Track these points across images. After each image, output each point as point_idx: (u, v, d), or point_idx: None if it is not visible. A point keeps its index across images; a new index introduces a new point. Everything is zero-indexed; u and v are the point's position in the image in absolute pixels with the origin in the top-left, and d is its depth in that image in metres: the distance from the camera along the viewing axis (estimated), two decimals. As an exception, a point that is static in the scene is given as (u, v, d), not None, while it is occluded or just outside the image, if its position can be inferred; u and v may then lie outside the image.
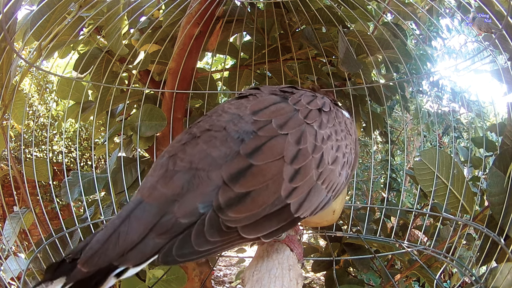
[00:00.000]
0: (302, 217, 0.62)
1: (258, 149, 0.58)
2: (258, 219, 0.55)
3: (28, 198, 1.02)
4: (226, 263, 4.96)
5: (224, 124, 0.62)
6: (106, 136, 1.34)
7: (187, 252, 0.50)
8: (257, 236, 0.56)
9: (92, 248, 0.47)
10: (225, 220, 0.53)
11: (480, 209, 1.19)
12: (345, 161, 0.69)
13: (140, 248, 0.48)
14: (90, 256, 0.46)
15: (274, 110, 0.65)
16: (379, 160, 4.01)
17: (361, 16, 1.36)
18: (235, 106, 0.68)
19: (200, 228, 0.51)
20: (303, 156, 0.60)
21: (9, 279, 1.05)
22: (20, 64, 1.13)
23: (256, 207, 0.55)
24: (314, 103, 0.69)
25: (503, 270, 0.86)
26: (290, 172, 0.58)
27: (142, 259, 0.48)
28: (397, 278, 1.37)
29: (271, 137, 0.60)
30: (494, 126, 1.18)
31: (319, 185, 0.63)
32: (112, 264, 0.46)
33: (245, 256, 1.57)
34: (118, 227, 0.49)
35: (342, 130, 0.71)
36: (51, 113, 4.42)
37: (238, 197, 0.54)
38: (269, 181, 0.57)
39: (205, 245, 0.51)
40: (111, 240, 0.48)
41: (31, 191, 1.06)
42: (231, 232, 0.53)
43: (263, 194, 0.56)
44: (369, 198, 1.41)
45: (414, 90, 2.76)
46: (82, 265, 0.45)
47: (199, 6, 1.25)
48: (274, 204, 0.57)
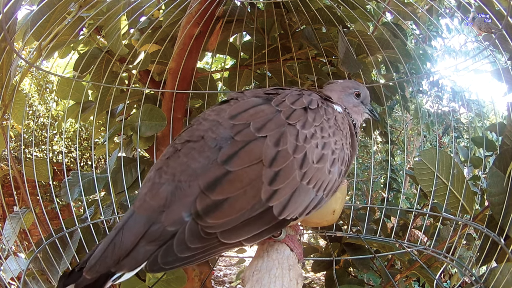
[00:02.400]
0: (289, 219, 0.62)
1: (234, 155, 0.59)
2: (237, 224, 0.57)
3: (28, 198, 1.01)
4: (226, 263, 4.96)
5: (203, 133, 0.64)
6: (106, 136, 1.34)
7: (171, 259, 0.54)
8: (238, 240, 0.58)
9: (94, 258, 0.54)
10: (204, 227, 0.55)
11: (480, 209, 1.19)
12: (335, 158, 0.68)
13: (133, 255, 0.54)
14: (92, 265, 0.53)
15: (252, 113, 0.65)
16: (379, 160, 4.01)
17: (361, 16, 1.36)
18: (215, 112, 0.69)
19: (181, 236, 0.55)
20: (283, 157, 0.60)
21: (9, 279, 1.05)
22: (20, 64, 1.13)
23: (234, 213, 0.57)
24: (300, 102, 0.69)
25: (503, 270, 0.86)
26: (270, 175, 0.59)
27: (136, 265, 0.54)
28: (397, 278, 1.37)
29: (248, 141, 0.61)
30: (494, 126, 1.17)
31: (304, 185, 0.62)
32: (110, 271, 0.53)
33: (245, 256, 1.57)
34: (114, 238, 0.55)
35: (331, 126, 0.70)
36: (51, 113, 4.42)
37: (215, 204, 0.56)
38: (247, 186, 0.58)
39: (186, 251, 0.55)
40: (108, 250, 0.54)
41: (31, 191, 1.06)
42: (211, 238, 0.56)
43: (241, 200, 0.57)
44: (369, 198, 1.41)
45: (414, 90, 2.76)
46: (86, 273, 0.52)
47: (199, 6, 1.25)
48: (254, 209, 0.58)
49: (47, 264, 1.00)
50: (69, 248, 1.04)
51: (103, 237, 1.12)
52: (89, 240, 1.07)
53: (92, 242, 1.07)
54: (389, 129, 2.38)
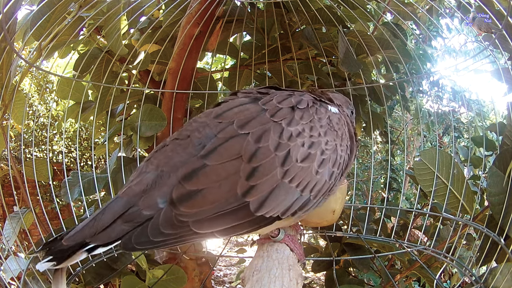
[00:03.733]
0: (269, 216, 0.62)
1: (213, 150, 0.61)
2: (210, 215, 0.59)
3: (28, 198, 1.01)
4: (226, 263, 4.96)
5: (189, 133, 0.67)
6: (106, 136, 1.34)
7: (144, 241, 0.57)
8: (210, 231, 0.59)
9: (75, 230, 0.58)
10: (177, 215, 0.58)
11: (480, 209, 1.19)
12: (324, 158, 0.67)
13: (108, 231, 0.57)
14: (71, 235, 0.57)
15: (237, 112, 0.66)
16: (379, 160, 4.01)
17: (361, 16, 1.35)
18: (205, 114, 0.71)
19: (156, 221, 0.58)
20: (263, 154, 0.61)
21: (9, 279, 1.05)
22: (20, 64, 1.13)
23: (206, 204, 0.59)
24: (287, 101, 0.69)
25: (503, 270, 0.86)
26: (248, 170, 0.60)
27: (109, 240, 0.57)
28: (397, 278, 1.37)
29: (229, 137, 0.62)
30: (494, 126, 1.17)
31: (285, 184, 0.62)
32: (85, 241, 0.56)
33: (245, 256, 1.57)
34: (96, 215, 0.59)
35: (322, 126, 0.69)
36: (51, 113, 4.42)
37: (189, 194, 0.59)
38: (223, 180, 0.59)
39: (159, 236, 0.57)
40: (89, 224, 0.58)
41: (31, 191, 1.06)
42: (183, 226, 0.58)
43: (214, 192, 0.59)
44: (369, 198, 1.41)
45: (414, 90, 2.76)
46: (64, 240, 0.57)
47: (199, 6, 1.25)
48: (229, 202, 0.59)
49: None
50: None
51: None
52: (89, 240, 1.07)
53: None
54: (389, 129, 2.39)
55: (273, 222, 0.64)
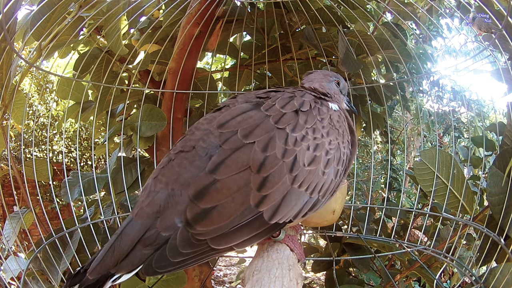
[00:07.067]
0: (282, 223, 0.62)
1: (221, 163, 0.60)
2: (228, 230, 0.58)
3: (28, 198, 1.01)
4: (226, 263, 4.96)
5: (194, 143, 0.65)
6: (106, 136, 1.34)
7: (164, 264, 0.56)
8: (228, 246, 0.59)
9: (96, 260, 0.58)
10: (194, 234, 0.57)
11: (480, 209, 1.19)
12: (329, 158, 0.67)
13: (130, 258, 0.57)
14: (94, 267, 0.57)
15: (240, 120, 0.65)
16: (379, 160, 4.01)
17: (361, 16, 1.35)
18: (207, 120, 0.70)
19: (174, 241, 0.57)
20: (271, 162, 0.60)
21: (9, 279, 1.05)
22: (20, 64, 1.13)
23: (223, 220, 0.58)
24: (291, 105, 0.69)
25: (503, 270, 0.86)
26: (258, 181, 0.59)
27: (132, 268, 0.57)
28: (397, 278, 1.37)
29: (236, 148, 0.61)
30: (494, 126, 1.17)
31: (295, 189, 0.62)
32: (109, 272, 0.56)
33: (245, 256, 1.57)
34: (114, 242, 0.58)
35: (324, 126, 0.69)
36: (51, 113, 4.42)
37: (204, 212, 0.58)
38: (235, 193, 0.59)
39: (178, 256, 0.57)
40: (109, 253, 0.57)
41: (31, 191, 1.06)
42: (201, 244, 0.58)
43: (229, 207, 0.58)
44: (369, 198, 1.41)
45: (415, 90, 2.76)
46: (89, 273, 0.56)
47: (199, 6, 1.25)
48: (244, 215, 0.59)
49: (47, 264, 1.00)
50: (69, 248, 1.04)
51: (103, 237, 1.12)
52: (89, 240, 1.07)
53: (92, 242, 1.07)
54: (389, 129, 2.39)
55: (285, 226, 0.64)
